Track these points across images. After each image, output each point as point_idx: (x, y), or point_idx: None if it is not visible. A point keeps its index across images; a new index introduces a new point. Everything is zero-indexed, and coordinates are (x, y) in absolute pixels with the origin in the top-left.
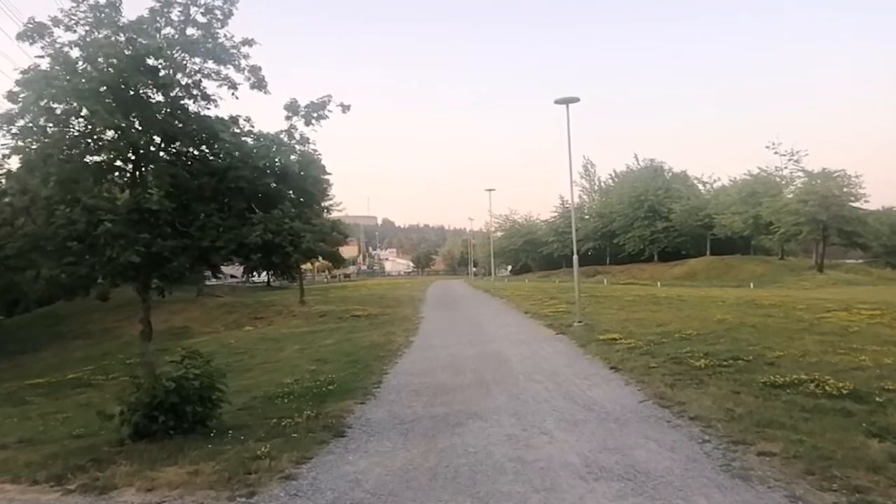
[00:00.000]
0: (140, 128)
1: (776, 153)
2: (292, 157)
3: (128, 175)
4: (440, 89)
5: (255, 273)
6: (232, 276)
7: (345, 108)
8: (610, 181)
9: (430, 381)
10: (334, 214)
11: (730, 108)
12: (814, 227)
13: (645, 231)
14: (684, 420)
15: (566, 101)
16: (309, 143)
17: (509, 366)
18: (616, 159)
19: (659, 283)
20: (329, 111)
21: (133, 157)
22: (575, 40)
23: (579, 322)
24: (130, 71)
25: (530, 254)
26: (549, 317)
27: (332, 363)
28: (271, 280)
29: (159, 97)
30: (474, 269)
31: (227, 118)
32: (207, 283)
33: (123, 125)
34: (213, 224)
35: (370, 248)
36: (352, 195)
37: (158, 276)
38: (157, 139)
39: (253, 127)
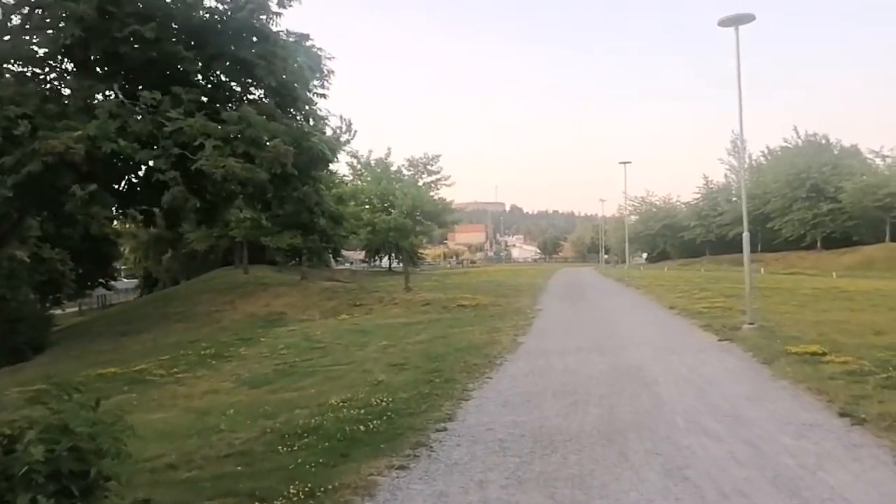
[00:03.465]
0: None
1: None
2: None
3: None
4: (571, 73)
5: (377, 257)
6: (362, 262)
7: None
8: (762, 159)
9: (530, 421)
10: (442, 191)
11: None
12: None
13: (806, 214)
14: None
15: (735, 22)
16: (279, 15)
17: (657, 394)
18: (769, 136)
19: (834, 274)
20: None
21: None
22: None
23: (750, 324)
24: None
25: (669, 239)
26: (703, 314)
27: (409, 371)
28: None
29: None
30: (605, 255)
31: None
32: (336, 266)
33: None
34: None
35: (497, 235)
36: (480, 182)
37: None
38: None
39: None
